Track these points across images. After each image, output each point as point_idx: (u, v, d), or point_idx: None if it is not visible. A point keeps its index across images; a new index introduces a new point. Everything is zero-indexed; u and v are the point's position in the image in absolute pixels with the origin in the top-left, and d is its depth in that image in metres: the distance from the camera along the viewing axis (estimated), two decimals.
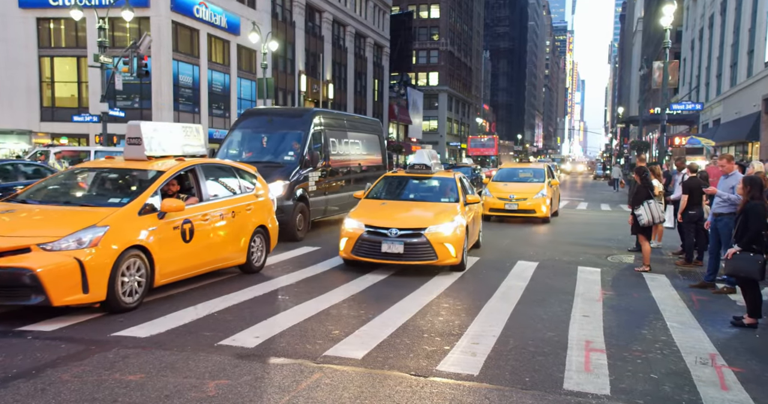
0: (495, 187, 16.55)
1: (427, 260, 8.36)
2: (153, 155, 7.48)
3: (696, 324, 6.44)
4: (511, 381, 4.63)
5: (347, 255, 8.63)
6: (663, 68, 25.61)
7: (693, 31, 39.66)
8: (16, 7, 31.67)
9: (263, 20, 38.23)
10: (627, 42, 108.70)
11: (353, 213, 9.05)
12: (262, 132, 12.86)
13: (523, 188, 16.40)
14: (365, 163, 15.50)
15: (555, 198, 17.77)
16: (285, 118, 13.46)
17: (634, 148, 51.44)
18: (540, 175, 17.46)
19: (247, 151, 12.74)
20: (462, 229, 8.72)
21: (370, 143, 16.17)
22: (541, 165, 18.96)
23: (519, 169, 18.65)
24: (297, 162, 11.96)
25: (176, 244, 6.79)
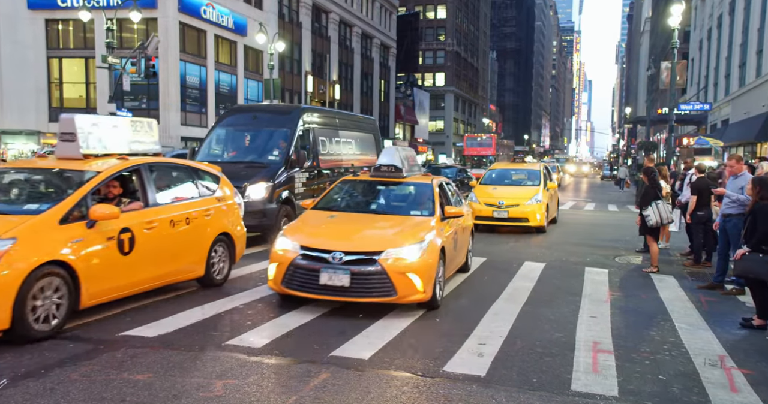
0: (483, 192, 14.41)
1: (381, 296, 6.12)
2: (91, 153, 6.41)
3: (705, 326, 6.40)
4: (519, 382, 4.62)
5: (276, 286, 6.41)
6: (671, 68, 25.49)
7: (701, 31, 39.45)
8: (25, 8, 31.91)
9: (270, 21, 38.32)
10: (634, 42, 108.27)
11: (289, 230, 6.87)
12: (246, 130, 12.06)
13: (515, 193, 14.18)
14: (359, 163, 14.37)
15: (553, 203, 15.66)
16: (270, 115, 12.59)
17: (642, 149, 51.24)
18: (535, 177, 15.17)
19: (230, 150, 12.00)
20: (434, 253, 6.51)
21: (364, 142, 15.31)
22: (536, 165, 16.59)
23: (511, 171, 16.15)
24: (282, 162, 11.13)
25: (111, 258, 5.79)
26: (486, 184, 15.16)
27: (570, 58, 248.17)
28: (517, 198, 13.82)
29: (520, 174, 15.75)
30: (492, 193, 14.16)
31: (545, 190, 14.50)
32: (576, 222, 17.69)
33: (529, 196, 13.90)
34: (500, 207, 13.57)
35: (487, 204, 13.65)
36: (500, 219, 13.62)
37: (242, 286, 7.61)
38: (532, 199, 13.75)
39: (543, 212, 13.75)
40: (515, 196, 13.91)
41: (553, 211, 15.79)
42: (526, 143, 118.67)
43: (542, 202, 13.84)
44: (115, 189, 6.46)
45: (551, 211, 15.15)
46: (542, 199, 13.92)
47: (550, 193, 14.94)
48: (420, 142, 68.37)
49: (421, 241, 6.45)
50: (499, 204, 13.61)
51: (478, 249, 11.23)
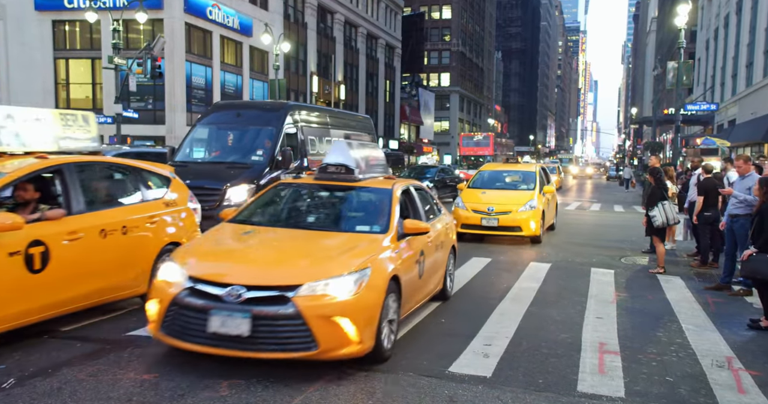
0: (471, 196, 12.82)
1: (295, 350, 4.40)
2: (5, 151, 5.51)
3: (712, 327, 6.37)
4: (525, 382, 4.61)
5: (154, 331, 4.72)
6: (677, 68, 25.40)
7: (708, 31, 39.29)
8: (33, 9, 32.05)
9: (275, 22, 38.40)
10: (640, 42, 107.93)
11: (180, 252, 5.17)
12: (230, 128, 11.40)
13: (507, 197, 12.66)
14: None
15: (550, 209, 13.98)
16: (256, 112, 11.79)
17: (648, 149, 51.10)
18: (530, 180, 13.55)
19: (212, 149, 11.37)
20: (379, 286, 4.74)
21: (355, 140, 14.69)
22: (531, 167, 14.86)
23: (503, 172, 14.48)
24: (267, 162, 10.38)
25: (15, 277, 4.81)
26: (474, 188, 13.51)
27: (575, 58, 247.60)
28: (508, 204, 12.24)
29: (513, 176, 14.20)
30: (481, 198, 12.59)
31: (541, 194, 12.92)
32: (581, 222, 17.65)
33: (523, 201, 12.31)
34: (489, 214, 11.94)
35: (474, 211, 12.07)
36: (489, 228, 12.02)
37: None
38: (525, 205, 12.15)
39: (538, 220, 12.10)
40: (507, 202, 12.32)
41: (551, 218, 14.06)
42: (531, 143, 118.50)
43: (537, 208, 12.18)
44: (28, 193, 5.38)
45: (548, 218, 13.48)
46: (537, 204, 12.24)
47: (546, 197, 13.28)
48: (425, 143, 68.36)
49: (360, 270, 4.65)
50: (489, 210, 11.98)
51: (481, 250, 11.22)
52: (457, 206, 12.50)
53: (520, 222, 11.93)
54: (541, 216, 12.34)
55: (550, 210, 14.03)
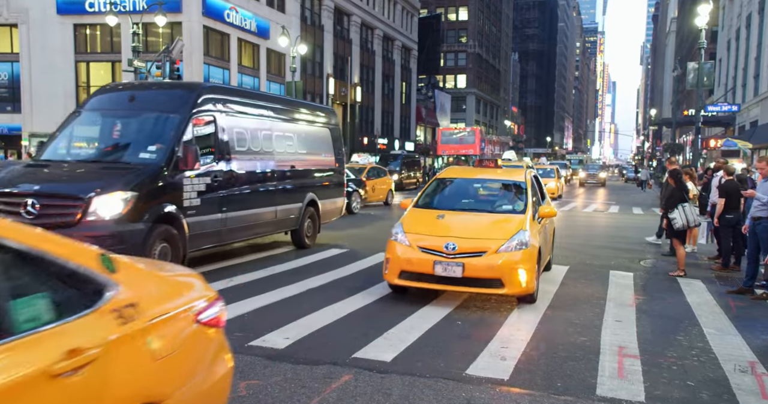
0: (420, 222, 7.59)
1: None
2: None
3: (734, 331, 6.26)
4: (543, 386, 4.57)
5: None
6: (698, 69, 25.06)
7: (729, 31, 38.73)
8: (55, 14, 32.58)
9: (292, 24, 38.61)
10: (660, 43, 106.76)
11: None
12: (117, 115, 8.75)
13: (480, 226, 7.44)
14: (304, 164, 11.21)
15: (546, 242, 8.38)
16: (155, 95, 9.12)
17: (668, 151, 50.47)
18: (518, 195, 8.22)
19: (88, 143, 8.77)
20: None
21: (314, 138, 11.86)
22: (518, 173, 8.84)
23: (476, 182, 8.79)
24: (161, 161, 7.76)
25: None
26: (426, 207, 8.08)
27: (593, 60, 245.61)
28: (482, 237, 7.09)
29: (489, 188, 8.73)
30: (436, 226, 7.40)
31: (535, 220, 7.69)
32: (599, 225, 17.48)
33: (507, 233, 7.09)
34: (449, 255, 6.80)
35: (424, 250, 6.92)
36: (448, 280, 6.84)
37: (264, 288, 7.65)
38: (511, 241, 6.93)
39: (532, 266, 6.93)
40: (479, 234, 7.16)
41: (547, 254, 8.52)
42: (548, 145, 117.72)
43: (531, 246, 7.02)
44: None
45: (544, 257, 7.97)
46: (530, 239, 7.06)
47: (541, 225, 7.96)
48: None
49: None
50: (448, 249, 6.84)
51: None
52: (394, 238, 7.17)
53: (502, 270, 6.72)
54: (537, 259, 7.13)
55: (548, 243, 8.74)
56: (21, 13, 32.27)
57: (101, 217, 6.98)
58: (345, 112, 47.51)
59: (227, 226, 8.93)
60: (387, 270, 7.11)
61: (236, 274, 8.47)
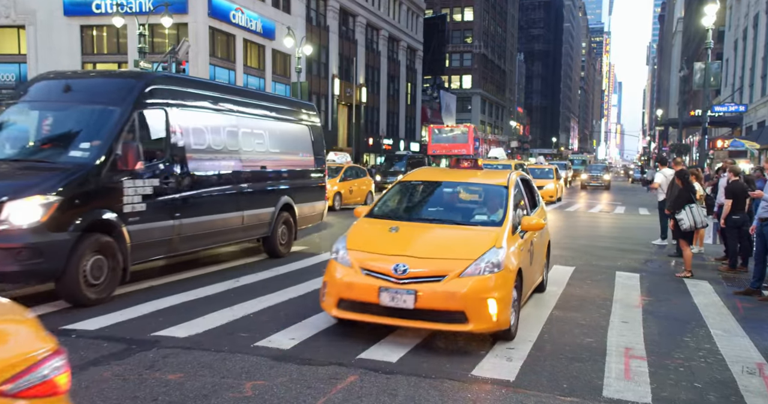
0: (368, 236, 6.15)
1: None
2: None
3: (741, 332, 6.23)
4: (549, 387, 4.56)
5: None
6: (704, 69, 24.96)
7: (736, 31, 38.56)
8: (62, 15, 32.75)
9: (298, 25, 38.68)
10: (666, 43, 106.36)
11: None
12: (49, 108, 7.69)
13: (442, 242, 5.93)
14: (278, 165, 10.13)
15: (537, 261, 7.07)
16: (93, 85, 8.02)
17: (674, 151, 50.30)
18: (495, 202, 6.66)
19: (14, 140, 7.59)
20: None
21: (291, 137, 10.79)
22: (499, 175, 7.39)
23: (446, 186, 7.32)
24: (96, 160, 6.74)
25: None
26: (381, 217, 6.59)
27: (599, 60, 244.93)
28: (442, 255, 5.57)
29: (462, 194, 7.27)
30: (386, 242, 5.88)
31: (517, 234, 6.16)
32: (605, 225, 17.43)
33: (474, 251, 5.56)
34: (398, 278, 5.34)
35: (368, 273, 5.47)
36: (396, 312, 5.33)
37: (272, 287, 7.67)
38: (479, 262, 5.43)
39: (507, 294, 5.47)
40: (438, 252, 5.65)
41: (536, 275, 7.11)
42: (554, 146, 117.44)
43: (505, 267, 5.51)
44: None
45: (529, 280, 6.51)
46: (504, 258, 5.56)
47: (525, 241, 6.36)
48: None
49: None
50: (397, 271, 5.36)
51: None
52: (335, 258, 5.75)
53: (465, 300, 5.21)
54: (515, 285, 5.64)
55: (537, 263, 7.07)
56: (28, 14, 32.46)
57: (15, 226, 5.97)
58: (350, 113, 47.54)
59: (181, 234, 7.86)
60: (324, 297, 5.57)
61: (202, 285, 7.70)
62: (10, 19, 32.63)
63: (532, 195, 7.78)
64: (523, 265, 5.94)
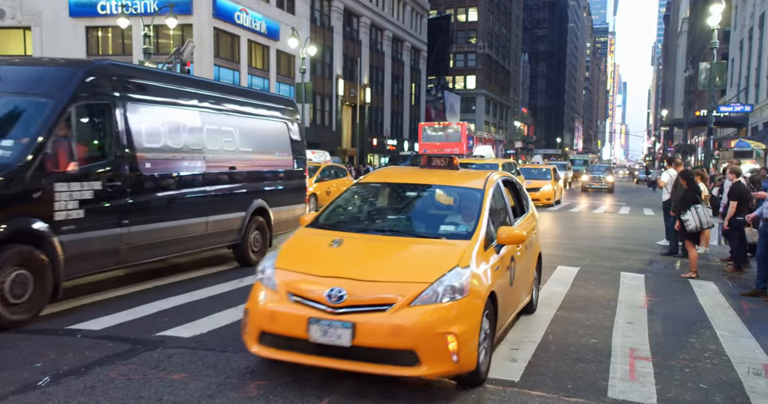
0: (306, 251, 4.99)
1: None
2: None
3: (747, 333, 6.21)
4: (553, 387, 4.55)
5: None
6: (710, 69, 24.88)
7: (742, 31, 38.41)
8: (67, 16, 32.90)
9: (302, 25, 38.74)
10: (671, 43, 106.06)
11: None
12: None
13: (392, 259, 4.75)
14: (250, 165, 9.26)
15: (521, 280, 5.80)
16: (25, 73, 6.94)
17: (679, 152, 50.16)
18: (467, 210, 5.38)
19: None
20: None
21: (266, 134, 9.88)
22: (476, 176, 6.04)
23: (410, 189, 5.92)
24: (20, 160, 5.87)
25: None
26: (327, 227, 5.38)
27: (604, 60, 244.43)
28: (389, 278, 4.37)
29: (428, 199, 5.91)
30: (324, 259, 4.75)
31: (492, 249, 5.00)
32: (610, 226, 17.39)
33: (432, 271, 4.38)
34: (333, 307, 4.18)
35: (297, 299, 4.32)
36: (331, 349, 4.15)
37: None
38: (438, 285, 4.25)
39: (471, 326, 4.26)
40: (386, 272, 4.48)
41: (519, 297, 5.90)
42: (558, 146, 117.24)
43: (470, 291, 4.32)
44: None
45: (509, 304, 5.35)
46: (469, 281, 4.36)
47: (502, 257, 5.13)
48: None
49: None
50: (331, 297, 4.20)
51: None
52: (260, 279, 4.67)
53: (415, 336, 4.08)
54: (484, 313, 4.47)
55: (522, 281, 5.91)
56: (34, 15, 32.62)
57: None
58: (354, 113, 47.58)
59: (131, 243, 6.99)
60: (245, 327, 4.49)
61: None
62: (16, 21, 32.79)
63: (519, 200, 6.81)
64: (498, 287, 4.78)
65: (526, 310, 6.53)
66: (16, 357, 4.87)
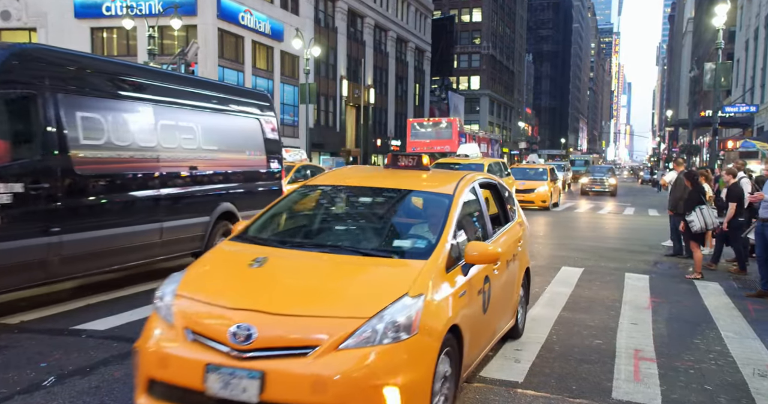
0: (219, 272, 3.92)
1: None
2: None
3: (752, 334, 6.18)
4: (557, 388, 4.54)
5: None
6: (715, 69, 24.80)
7: (747, 31, 38.28)
8: (72, 18, 33.04)
9: (306, 26, 38.81)
10: (676, 43, 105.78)
11: None
12: None
13: (322, 284, 3.63)
14: (214, 165, 8.39)
15: (501, 302, 4.85)
16: None
17: (684, 152, 50.02)
18: (432, 220, 4.30)
19: None
20: None
21: (235, 132, 8.95)
22: (447, 179, 4.90)
23: (363, 194, 5.01)
24: None
25: None
26: (253, 241, 4.29)
27: (609, 60, 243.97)
28: (314, 312, 3.33)
29: (383, 208, 4.79)
30: (237, 283, 3.69)
31: (455, 270, 3.91)
32: (614, 226, 17.35)
33: (372, 301, 3.34)
34: (238, 350, 3.18)
35: (197, 339, 3.31)
36: None
37: None
38: (378, 321, 3.22)
39: (422, 376, 3.26)
40: (312, 303, 3.42)
41: (496, 325, 4.84)
42: (563, 147, 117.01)
43: (421, 328, 3.30)
44: None
45: (480, 337, 4.29)
46: (418, 316, 3.32)
47: (472, 279, 4.07)
48: None
49: None
50: (237, 336, 3.19)
51: None
52: (156, 309, 3.65)
53: (343, 391, 3.06)
54: (441, 355, 3.44)
55: (501, 304, 4.90)
56: (39, 17, 32.77)
57: None
58: (358, 114, 47.62)
59: (63, 254, 6.10)
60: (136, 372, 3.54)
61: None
62: (22, 22, 32.95)
63: (503, 206, 5.74)
64: (464, 319, 3.78)
65: (510, 335, 5.55)
66: (20, 357, 4.89)
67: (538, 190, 21.29)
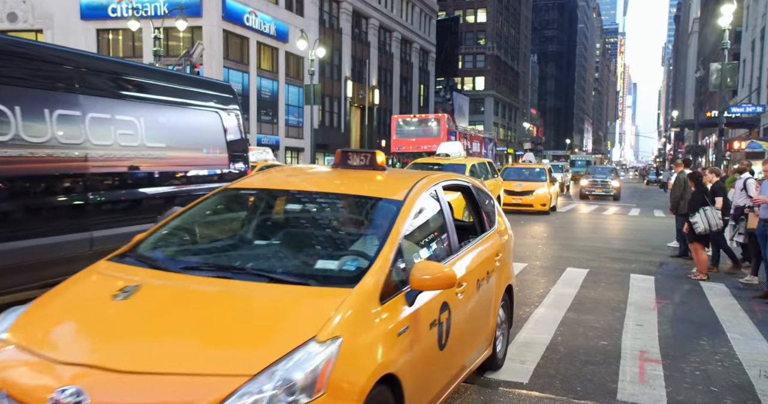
0: (68, 312, 2.89)
1: None
2: None
3: (759, 336, 6.15)
4: (562, 389, 4.53)
5: None
6: (721, 70, 24.71)
7: (754, 31, 38.12)
8: (78, 19, 33.21)
9: (311, 27, 38.87)
10: (682, 43, 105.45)
11: None
12: None
13: (205, 328, 2.61)
14: (161, 165, 7.11)
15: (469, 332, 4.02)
16: None
17: (690, 153, 49.84)
18: (372, 233, 3.44)
19: None
20: None
21: (189, 126, 7.70)
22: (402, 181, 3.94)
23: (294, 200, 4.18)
24: None
25: None
26: (140, 258, 3.38)
27: (614, 61, 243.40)
28: (179, 370, 2.36)
29: (315, 218, 4.03)
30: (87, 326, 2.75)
31: (398, 298, 3.03)
32: (620, 227, 17.29)
33: (259, 355, 2.42)
34: None
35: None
36: None
37: None
38: (258, 383, 2.30)
39: None
40: (179, 358, 2.43)
41: (459, 361, 3.84)
42: (568, 147, 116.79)
43: (327, 386, 2.40)
44: None
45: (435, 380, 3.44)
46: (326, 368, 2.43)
47: (420, 310, 3.15)
48: None
49: None
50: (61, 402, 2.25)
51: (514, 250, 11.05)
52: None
53: None
54: None
55: (470, 334, 4.01)
56: (46, 18, 32.94)
57: None
58: (363, 115, 47.67)
59: None
60: None
61: None
62: (28, 24, 33.13)
63: (478, 213, 4.78)
64: (404, 365, 2.93)
65: (487, 367, 4.71)
66: None
67: (537, 192, 19.34)
